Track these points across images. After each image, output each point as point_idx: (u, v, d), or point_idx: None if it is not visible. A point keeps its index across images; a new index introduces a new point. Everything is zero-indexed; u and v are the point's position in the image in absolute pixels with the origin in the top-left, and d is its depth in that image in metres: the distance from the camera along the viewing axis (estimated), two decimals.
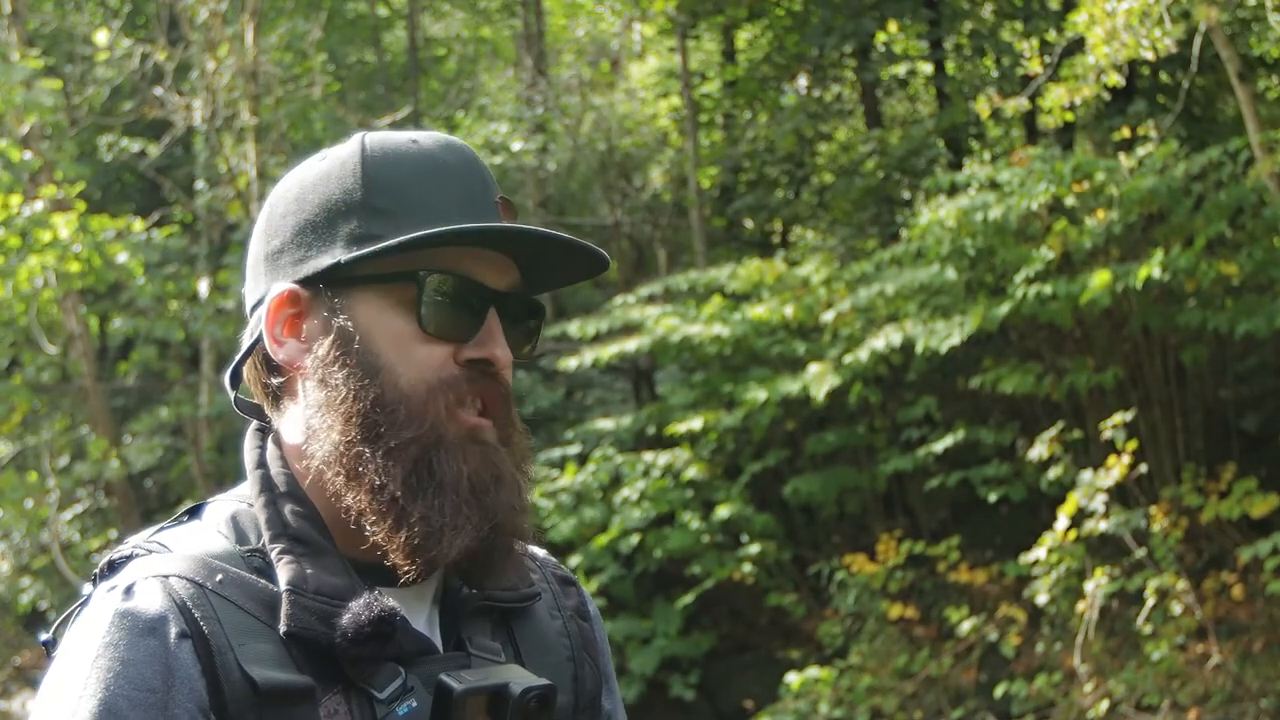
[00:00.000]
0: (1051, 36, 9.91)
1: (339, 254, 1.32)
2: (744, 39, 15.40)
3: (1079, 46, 8.36)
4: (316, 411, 1.31)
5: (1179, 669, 8.10)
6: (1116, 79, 7.95)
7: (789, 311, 9.99)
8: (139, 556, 1.30)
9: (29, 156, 11.15)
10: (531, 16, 15.14)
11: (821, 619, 10.06)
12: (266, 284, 1.36)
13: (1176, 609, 8.10)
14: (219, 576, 1.26)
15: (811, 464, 10.68)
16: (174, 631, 1.21)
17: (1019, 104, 9.15)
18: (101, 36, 12.21)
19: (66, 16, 15.09)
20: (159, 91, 12.57)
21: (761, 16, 14.14)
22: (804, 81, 14.43)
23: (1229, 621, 8.45)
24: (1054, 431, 8.50)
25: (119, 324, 13.43)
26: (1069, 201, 8.79)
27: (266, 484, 1.34)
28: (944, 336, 8.64)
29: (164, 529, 1.35)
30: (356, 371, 1.30)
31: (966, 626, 8.86)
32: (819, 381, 9.36)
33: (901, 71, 14.30)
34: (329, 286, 1.32)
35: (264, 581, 1.27)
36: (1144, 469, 8.09)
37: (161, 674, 1.19)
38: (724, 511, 9.83)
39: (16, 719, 12.27)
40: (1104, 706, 8.05)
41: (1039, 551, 8.19)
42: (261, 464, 1.36)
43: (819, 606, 10.31)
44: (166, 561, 1.27)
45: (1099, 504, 7.82)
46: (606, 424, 11.24)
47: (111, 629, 1.21)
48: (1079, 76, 8.06)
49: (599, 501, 10.23)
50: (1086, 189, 8.66)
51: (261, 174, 11.92)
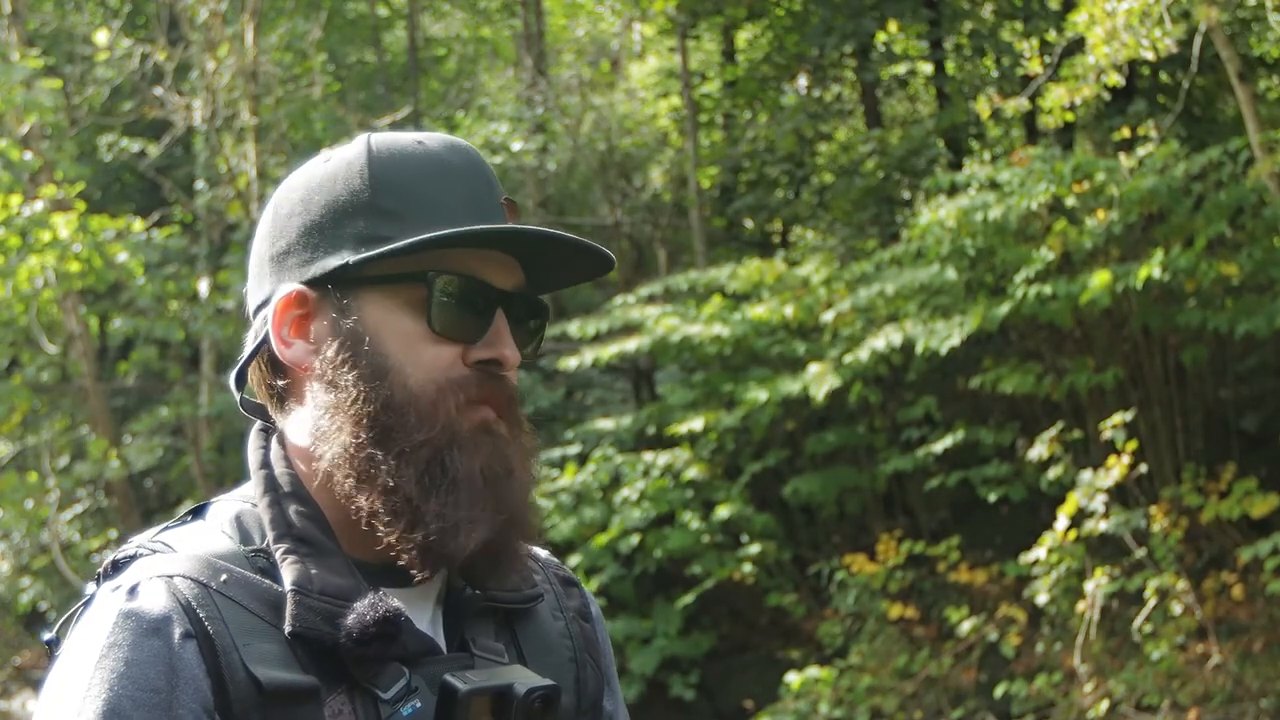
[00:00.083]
0: (1051, 36, 9.91)
1: (347, 255, 1.31)
2: (744, 39, 15.39)
3: (1079, 46, 8.36)
4: (325, 413, 1.31)
5: (1179, 669, 8.10)
6: (1116, 79, 7.95)
7: (789, 311, 9.99)
8: (143, 556, 1.30)
9: (29, 156, 11.15)
10: (531, 16, 15.14)
11: (821, 619, 10.06)
12: (272, 285, 1.36)
13: (1176, 609, 8.10)
14: (223, 577, 1.26)
15: (811, 464, 10.68)
16: (178, 632, 1.21)
17: (1019, 104, 9.15)
18: (101, 36, 12.21)
19: (66, 16, 15.09)
20: (159, 91, 12.57)
21: (761, 16, 14.14)
22: (804, 81, 14.43)
23: (1229, 621, 8.44)
24: (1054, 431, 8.51)
25: (119, 324, 13.43)
26: (1069, 201, 8.79)
27: (271, 484, 1.34)
28: (944, 337, 8.63)
29: (168, 529, 1.35)
30: (366, 373, 1.29)
31: (966, 626, 8.86)
32: (819, 381, 9.35)
33: (901, 71, 14.30)
34: (336, 287, 1.32)
35: (268, 582, 1.27)
36: (1144, 469, 8.09)
37: (166, 674, 1.19)
38: (724, 511, 9.82)
39: (17, 719, 12.27)
40: (1104, 706, 8.04)
41: (1039, 551, 8.19)
42: (266, 464, 1.36)
43: (819, 606, 10.31)
44: (171, 561, 1.27)
45: (1099, 504, 7.82)
46: (606, 424, 11.24)
47: (116, 629, 1.21)
48: (1079, 76, 8.05)
49: (599, 501, 10.23)
50: (1086, 189, 8.66)
51: (261, 174, 11.92)
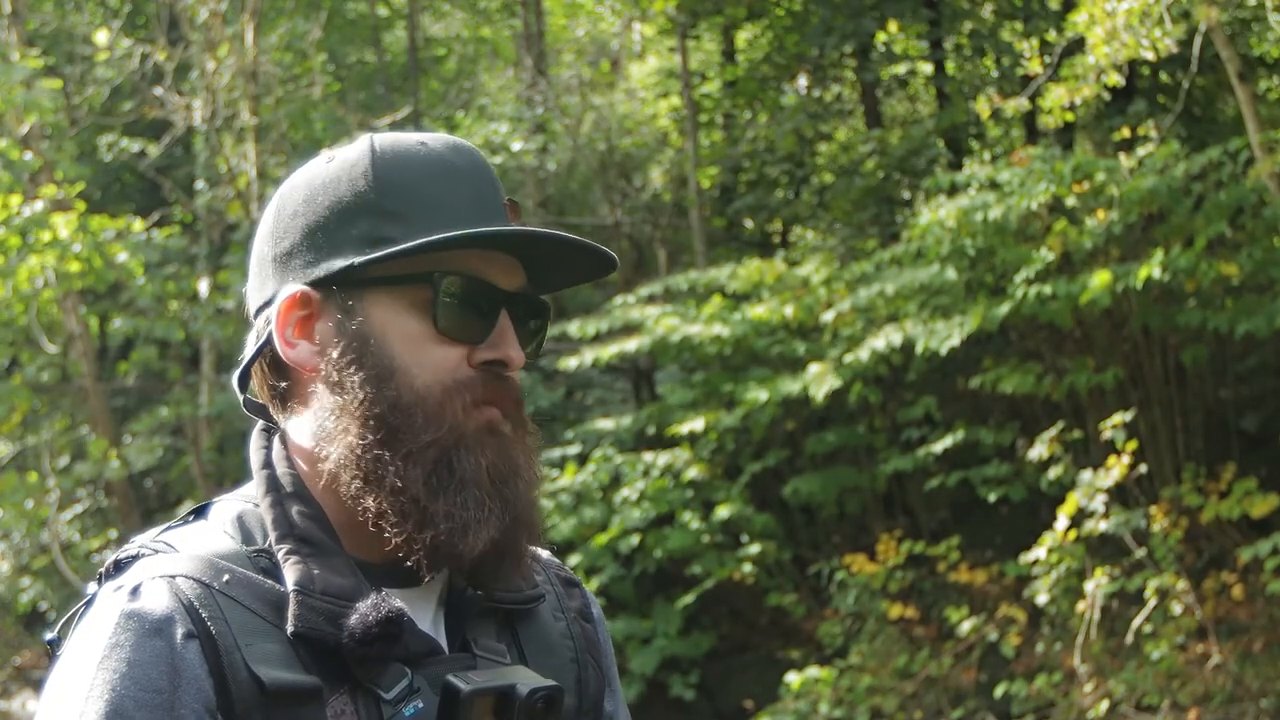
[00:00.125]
0: (1051, 36, 9.91)
1: (352, 256, 1.31)
2: (744, 39, 15.39)
3: (1079, 46, 8.36)
4: (330, 414, 1.31)
5: (1179, 669, 8.10)
6: (1116, 79, 7.95)
7: (789, 311, 9.99)
8: (145, 556, 1.30)
9: (29, 156, 11.15)
10: (531, 16, 15.14)
11: (821, 619, 10.06)
12: (275, 285, 1.35)
13: (1176, 609, 8.11)
14: (226, 577, 1.25)
15: (811, 464, 10.68)
16: (181, 632, 1.21)
17: (1019, 104, 9.15)
18: (101, 36, 12.21)
19: (66, 16, 15.09)
20: (159, 91, 12.57)
21: (761, 16, 14.14)
22: (804, 81, 14.43)
23: (1229, 621, 8.45)
24: (1054, 431, 8.51)
25: (119, 324, 13.43)
26: (1069, 201, 8.79)
27: (273, 484, 1.33)
28: (944, 337, 8.63)
29: (170, 529, 1.35)
30: (372, 374, 1.29)
31: (966, 626, 8.86)
32: (819, 381, 9.35)
33: (901, 71, 14.30)
34: (341, 288, 1.32)
35: (270, 582, 1.27)
36: (1144, 469, 8.09)
37: (168, 674, 1.19)
38: (724, 511, 9.82)
39: (17, 719, 12.26)
40: (1104, 706, 8.05)
41: (1039, 551, 8.19)
42: (268, 464, 1.35)
43: (819, 606, 10.31)
44: (173, 562, 1.27)
45: (1099, 504, 7.82)
46: (606, 424, 11.24)
47: (118, 630, 1.21)
48: (1079, 76, 8.05)
49: (599, 501, 10.23)
50: (1086, 189, 8.66)
51: (261, 174, 11.93)
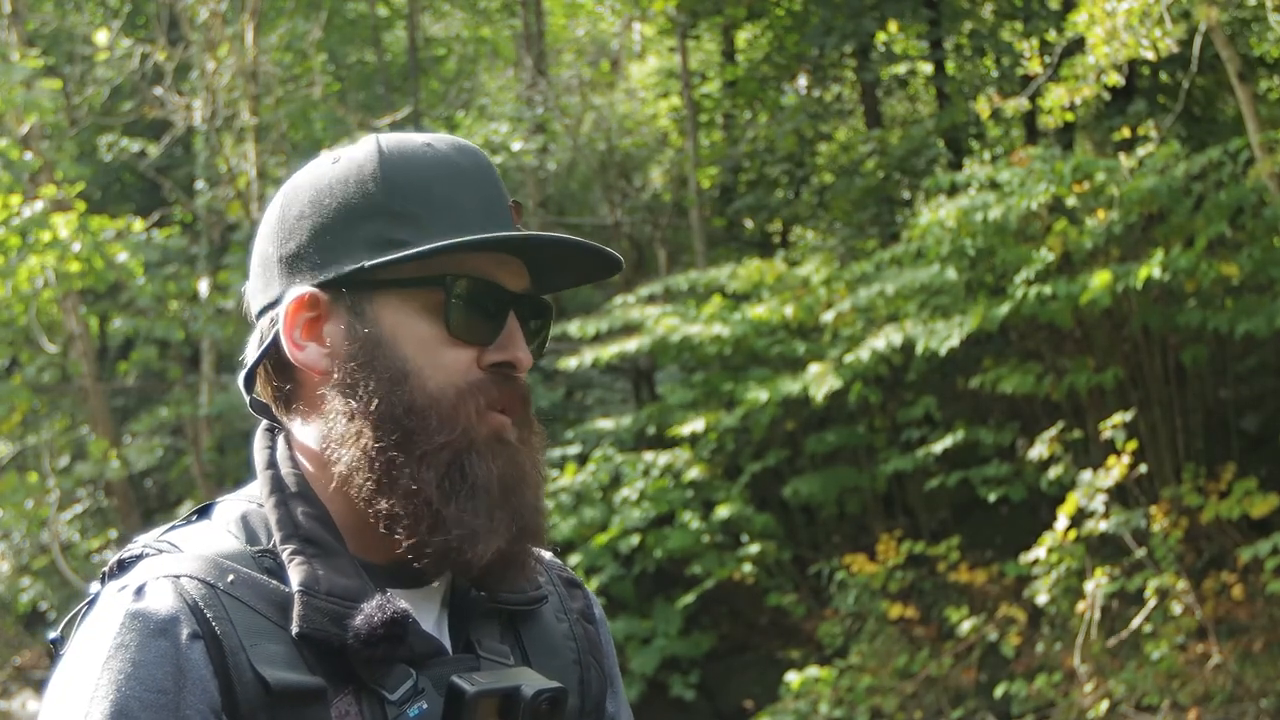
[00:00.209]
0: (1051, 36, 9.90)
1: (361, 258, 1.31)
2: (744, 39, 15.39)
3: (1079, 46, 8.36)
4: (342, 417, 1.30)
5: (1179, 669, 8.10)
6: (1116, 79, 7.95)
7: (789, 311, 9.99)
8: (149, 556, 1.29)
9: (29, 156, 11.15)
10: (531, 16, 15.13)
11: (821, 619, 10.06)
12: (281, 287, 1.35)
13: (1176, 609, 8.11)
14: (230, 577, 1.25)
15: (811, 464, 10.68)
16: (186, 632, 1.21)
17: (1019, 104, 9.14)
18: (101, 36, 12.21)
19: (66, 16, 15.08)
20: (159, 91, 12.57)
21: (761, 16, 14.14)
22: (804, 81, 14.43)
23: (1229, 621, 8.45)
24: (1054, 431, 8.50)
25: (119, 324, 13.42)
26: (1069, 201, 8.79)
27: (277, 484, 1.33)
28: (944, 337, 8.63)
29: (174, 528, 1.35)
30: (384, 376, 1.29)
31: (966, 626, 8.86)
32: (819, 382, 9.35)
33: (901, 71, 14.30)
34: (350, 290, 1.32)
35: (275, 582, 1.27)
36: (1144, 469, 8.09)
37: (173, 675, 1.19)
38: (724, 511, 9.83)
39: (17, 719, 12.26)
40: (1104, 706, 8.05)
41: (1039, 551, 8.19)
42: (272, 464, 1.35)
43: (819, 606, 10.31)
44: (177, 561, 1.27)
45: (1099, 504, 7.82)
46: (606, 424, 11.24)
47: (123, 630, 1.20)
48: (1079, 76, 8.05)
49: (599, 501, 10.23)
50: (1087, 189, 8.66)
51: (261, 174, 11.93)
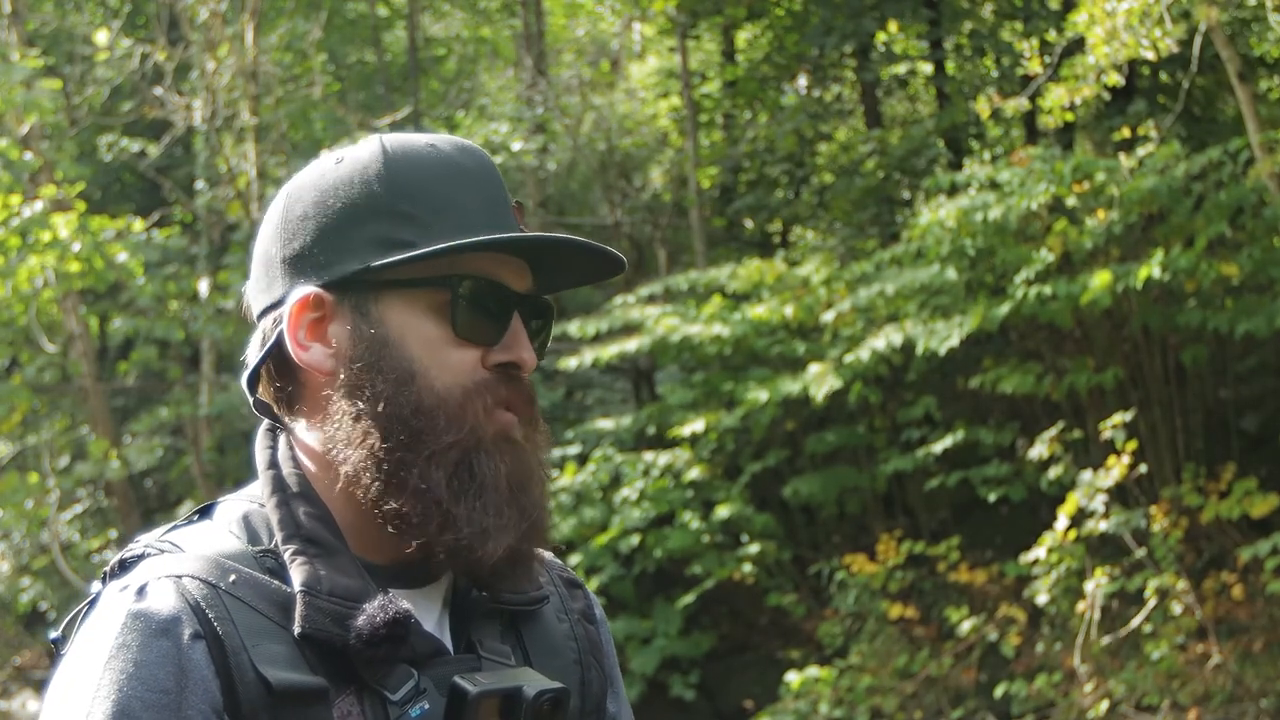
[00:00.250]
0: (1051, 36, 9.90)
1: (366, 258, 1.31)
2: (744, 39, 15.39)
3: (1079, 46, 8.36)
4: (348, 418, 1.30)
5: (1179, 669, 8.10)
6: (1116, 79, 7.95)
7: (789, 311, 9.99)
8: (151, 556, 1.29)
9: (29, 156, 11.14)
10: (531, 16, 15.13)
11: (821, 619, 10.06)
12: (285, 287, 1.35)
13: (1176, 609, 8.11)
14: (232, 577, 1.25)
15: (811, 464, 10.68)
16: (188, 632, 1.21)
17: (1019, 104, 9.14)
18: (101, 36, 12.20)
19: (66, 16, 15.07)
20: (159, 91, 12.57)
21: (761, 16, 14.14)
22: (804, 81, 14.43)
23: (1229, 621, 8.45)
24: (1054, 431, 8.50)
25: (119, 324, 13.42)
26: (1069, 201, 8.79)
27: (279, 484, 1.33)
28: (944, 337, 8.63)
29: (175, 528, 1.34)
30: (391, 377, 1.29)
31: (966, 626, 8.86)
32: (819, 382, 9.35)
33: (901, 71, 14.30)
34: (355, 291, 1.32)
35: (277, 582, 1.27)
36: (1144, 469, 8.09)
37: (175, 675, 1.19)
38: (724, 511, 9.83)
39: (17, 719, 12.27)
40: (1104, 706, 8.05)
41: (1039, 551, 8.19)
42: (273, 464, 1.35)
43: (819, 606, 10.31)
44: (179, 561, 1.27)
45: (1099, 504, 7.82)
46: (606, 424, 11.24)
47: (124, 630, 1.20)
48: (1079, 76, 8.05)
49: (599, 501, 10.23)
50: (1087, 189, 8.66)
51: (261, 174, 11.93)
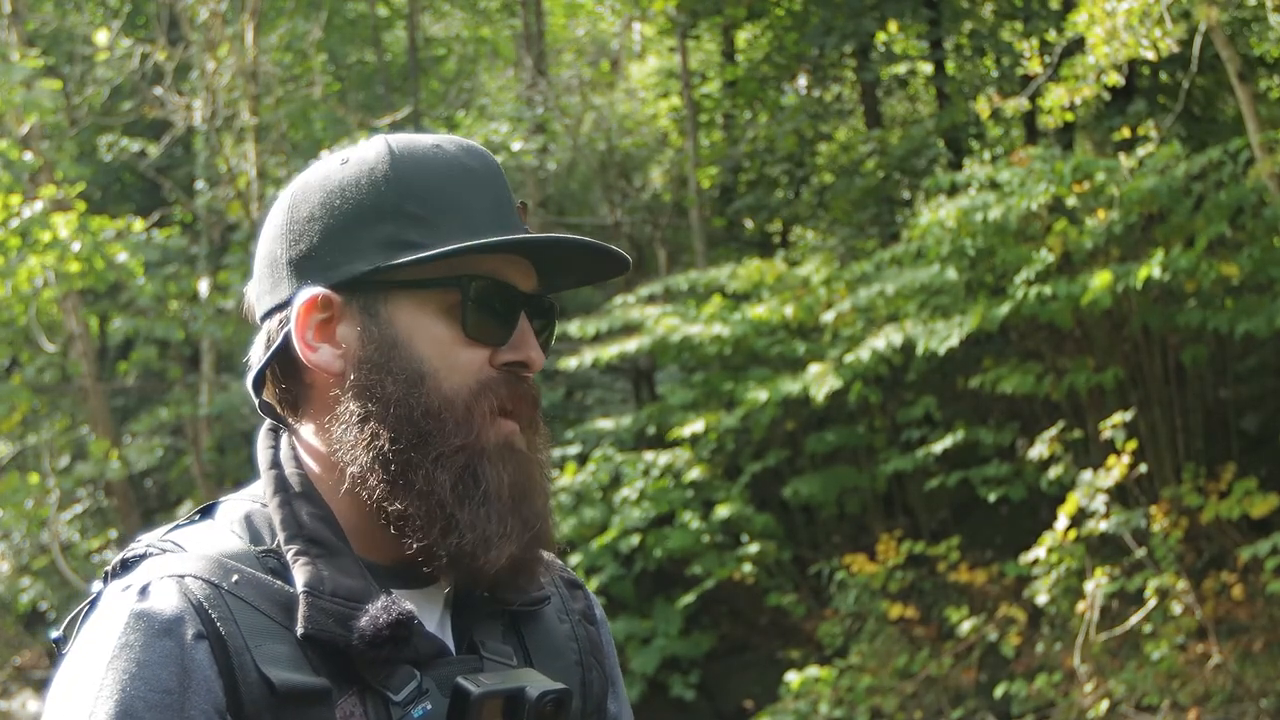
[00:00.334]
0: (1051, 36, 9.90)
1: (374, 259, 1.31)
2: (744, 39, 15.39)
3: (1079, 46, 8.36)
4: (356, 418, 1.30)
5: (1179, 669, 8.10)
6: (1116, 79, 7.95)
7: (789, 311, 9.99)
8: (153, 556, 1.29)
9: (29, 156, 11.14)
10: (531, 16, 15.13)
11: (821, 619, 10.06)
12: (291, 288, 1.34)
13: (1176, 609, 8.11)
14: (235, 577, 1.25)
15: (811, 464, 10.69)
16: (190, 632, 1.21)
17: (1019, 104, 9.14)
18: (101, 36, 12.19)
19: (66, 16, 15.07)
20: (159, 91, 12.56)
21: (761, 16, 14.14)
22: (804, 81, 14.43)
23: (1229, 621, 8.45)
24: (1054, 431, 8.50)
25: (119, 324, 13.42)
26: (1069, 201, 8.79)
27: (281, 484, 1.33)
28: (944, 337, 8.63)
29: (177, 528, 1.34)
30: (401, 378, 1.30)
31: (966, 626, 8.86)
32: (819, 382, 9.35)
33: (901, 71, 14.31)
34: (364, 291, 1.32)
35: (279, 583, 1.27)
36: (1144, 469, 8.09)
37: (178, 675, 1.19)
38: (724, 511, 9.83)
39: (17, 719, 12.26)
40: (1104, 706, 8.05)
41: (1039, 551, 8.19)
42: (275, 464, 1.35)
43: (819, 606, 10.31)
44: (181, 561, 1.27)
45: (1099, 504, 7.81)
46: (606, 424, 11.24)
47: (127, 630, 1.20)
48: (1079, 76, 8.05)
49: (599, 501, 10.23)
50: (1087, 189, 8.66)
51: (261, 174, 11.92)
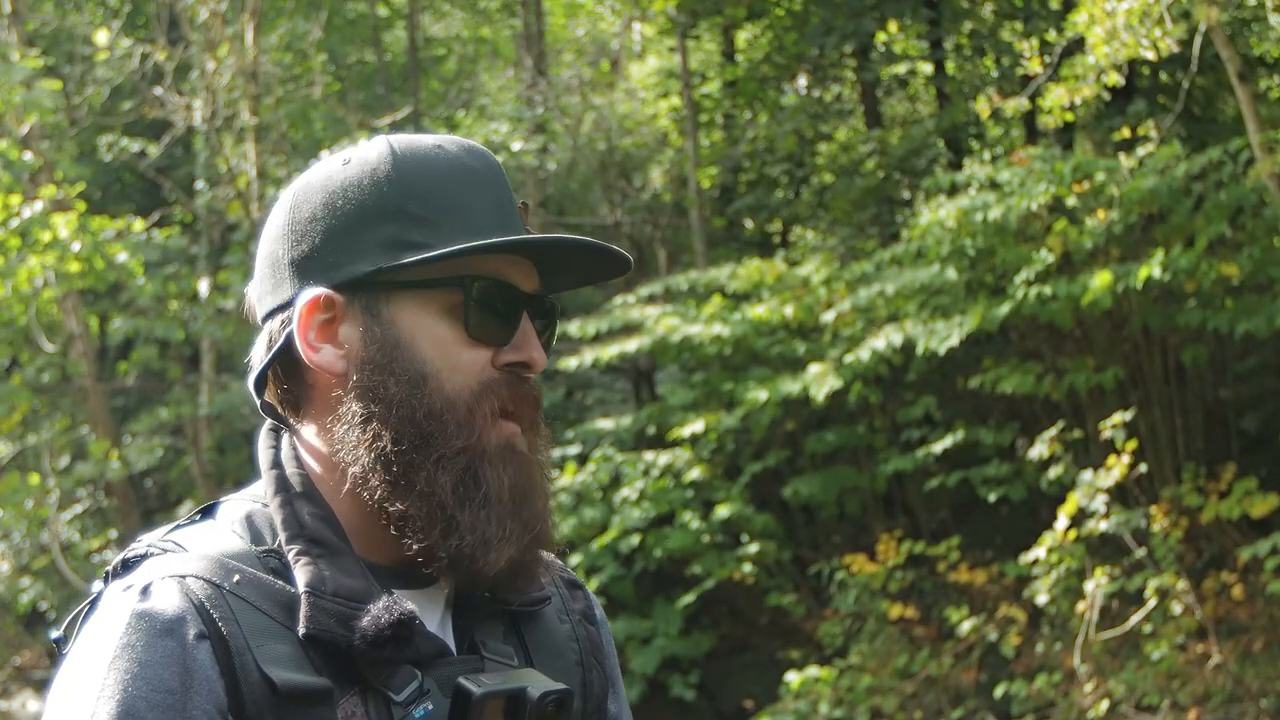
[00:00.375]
0: (1051, 36, 9.90)
1: (377, 260, 1.31)
2: (744, 39, 15.39)
3: (1079, 46, 8.36)
4: (358, 419, 1.30)
5: (1179, 669, 8.10)
6: (1116, 79, 7.95)
7: (789, 311, 9.99)
8: (154, 556, 1.29)
9: (29, 156, 11.14)
10: (531, 16, 15.12)
11: (821, 619, 10.06)
12: (293, 289, 1.34)
13: (1176, 609, 8.11)
14: (236, 577, 1.25)
15: (811, 464, 10.68)
16: (192, 633, 1.21)
17: (1019, 104, 9.14)
18: (101, 36, 12.19)
19: (66, 16, 15.07)
20: (159, 91, 12.56)
21: (761, 16, 14.14)
22: (804, 81, 14.43)
23: (1229, 621, 8.45)
24: (1054, 431, 8.50)
25: (119, 324, 13.42)
26: (1069, 201, 8.79)
27: (282, 484, 1.33)
28: (944, 337, 8.63)
29: (178, 528, 1.34)
30: (404, 379, 1.30)
31: (966, 626, 8.86)
32: (819, 382, 9.35)
33: (901, 71, 14.31)
34: (366, 292, 1.32)
35: (281, 583, 1.27)
36: (1144, 469, 8.09)
37: (180, 675, 1.19)
38: (724, 511, 9.83)
39: (17, 719, 12.26)
40: (1104, 706, 8.05)
41: (1039, 551, 8.19)
42: (276, 464, 1.35)
43: (819, 606, 10.31)
44: (183, 561, 1.27)
45: (1099, 504, 7.81)
46: (606, 424, 11.24)
47: (129, 630, 1.20)
48: (1079, 76, 8.05)
49: (599, 501, 10.23)
50: (1087, 189, 8.66)
51: (261, 174, 11.93)
